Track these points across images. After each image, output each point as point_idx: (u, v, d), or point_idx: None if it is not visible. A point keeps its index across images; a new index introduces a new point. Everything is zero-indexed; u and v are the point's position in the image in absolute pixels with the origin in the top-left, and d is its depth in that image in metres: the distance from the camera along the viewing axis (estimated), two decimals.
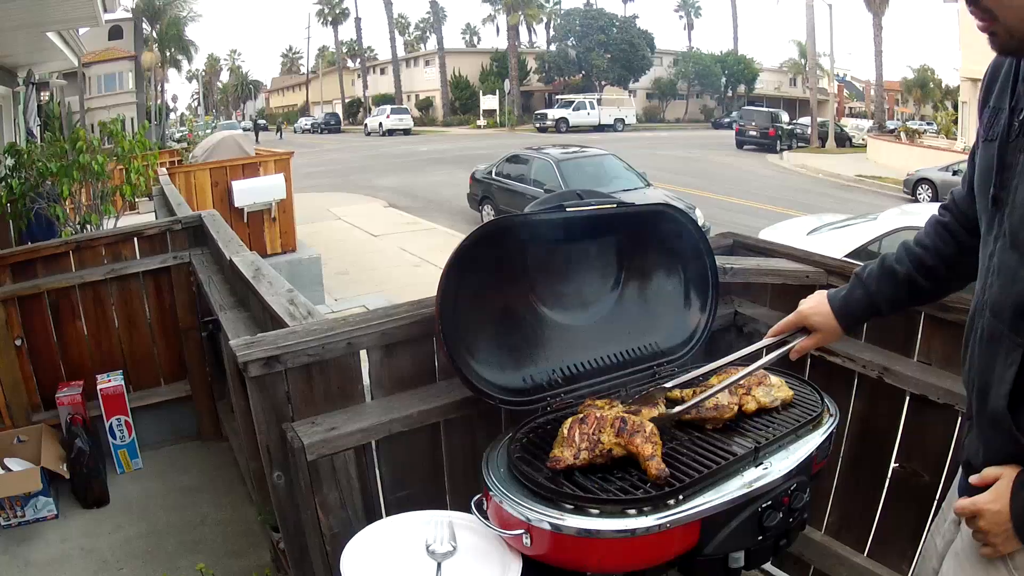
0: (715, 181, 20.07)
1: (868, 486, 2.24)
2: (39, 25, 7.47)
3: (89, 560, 3.21)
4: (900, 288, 1.61)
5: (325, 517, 1.85)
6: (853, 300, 1.66)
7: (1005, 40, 1.15)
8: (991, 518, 1.22)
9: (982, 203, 1.32)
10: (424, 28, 69.70)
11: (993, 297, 1.24)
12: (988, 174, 1.28)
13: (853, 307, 1.66)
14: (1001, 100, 1.29)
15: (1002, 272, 1.22)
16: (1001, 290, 1.22)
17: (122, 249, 4.06)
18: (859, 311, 1.67)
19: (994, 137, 1.27)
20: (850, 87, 65.97)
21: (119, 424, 3.91)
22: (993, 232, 1.26)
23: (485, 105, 51.24)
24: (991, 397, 1.24)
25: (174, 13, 47.73)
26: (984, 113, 1.35)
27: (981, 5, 1.14)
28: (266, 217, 8.95)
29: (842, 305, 1.67)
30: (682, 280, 2.16)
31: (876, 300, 1.63)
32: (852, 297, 1.66)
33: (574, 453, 1.55)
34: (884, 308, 1.64)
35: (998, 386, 1.22)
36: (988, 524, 1.23)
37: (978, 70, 9.30)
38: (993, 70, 1.36)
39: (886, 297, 1.62)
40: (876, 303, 1.64)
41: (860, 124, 39.29)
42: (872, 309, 1.65)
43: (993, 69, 1.36)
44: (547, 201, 1.92)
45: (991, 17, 1.14)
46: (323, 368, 1.86)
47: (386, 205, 16.16)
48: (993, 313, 1.24)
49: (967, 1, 1.16)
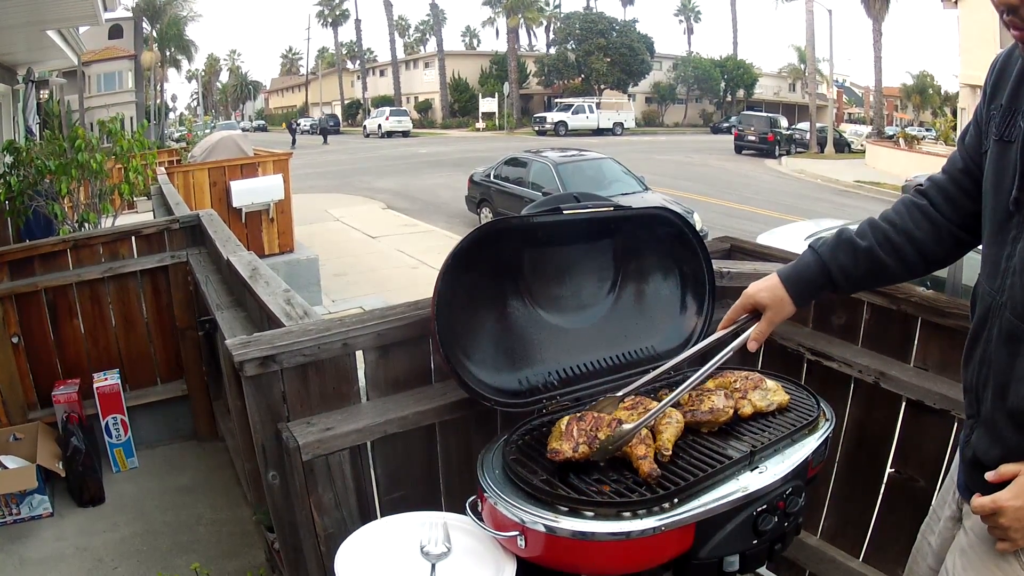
0: (713, 185, 20.10)
1: (864, 491, 2.24)
2: (39, 23, 7.46)
3: (84, 558, 3.20)
4: (859, 260, 1.53)
5: (320, 517, 1.85)
6: (802, 266, 1.58)
7: None
8: (1013, 514, 1.23)
9: (993, 202, 1.32)
10: (424, 30, 69.82)
11: (1014, 297, 1.24)
12: (1005, 176, 1.27)
13: (803, 273, 1.57)
14: (1018, 101, 1.28)
15: (1023, 272, 1.22)
16: (1023, 290, 1.23)
17: (120, 248, 4.06)
18: (810, 277, 1.57)
19: (1012, 139, 1.27)
20: (849, 93, 66.18)
21: (115, 423, 3.91)
22: (1011, 233, 1.26)
23: (484, 108, 51.28)
24: (1011, 395, 1.24)
25: (174, 12, 47.77)
26: (993, 110, 1.34)
27: (1020, 15, 1.14)
28: (264, 217, 8.94)
29: (790, 273, 1.59)
30: (679, 284, 2.16)
31: (829, 267, 1.55)
32: (801, 263, 1.59)
33: (572, 447, 1.55)
34: (838, 278, 1.55)
35: (1018, 384, 1.23)
36: (1010, 520, 1.24)
37: (977, 76, 9.43)
38: (1003, 67, 1.35)
39: (840, 266, 1.54)
40: (829, 271, 1.55)
41: (859, 130, 39.41)
42: (824, 279, 1.56)
43: (1003, 66, 1.36)
44: (544, 204, 1.92)
45: None
46: (319, 368, 1.86)
47: (384, 207, 16.16)
48: (1013, 312, 1.24)
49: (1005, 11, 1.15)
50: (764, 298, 1.60)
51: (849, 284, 1.57)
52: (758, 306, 1.62)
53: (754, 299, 1.62)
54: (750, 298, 1.63)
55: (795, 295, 1.58)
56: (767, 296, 1.60)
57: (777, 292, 1.59)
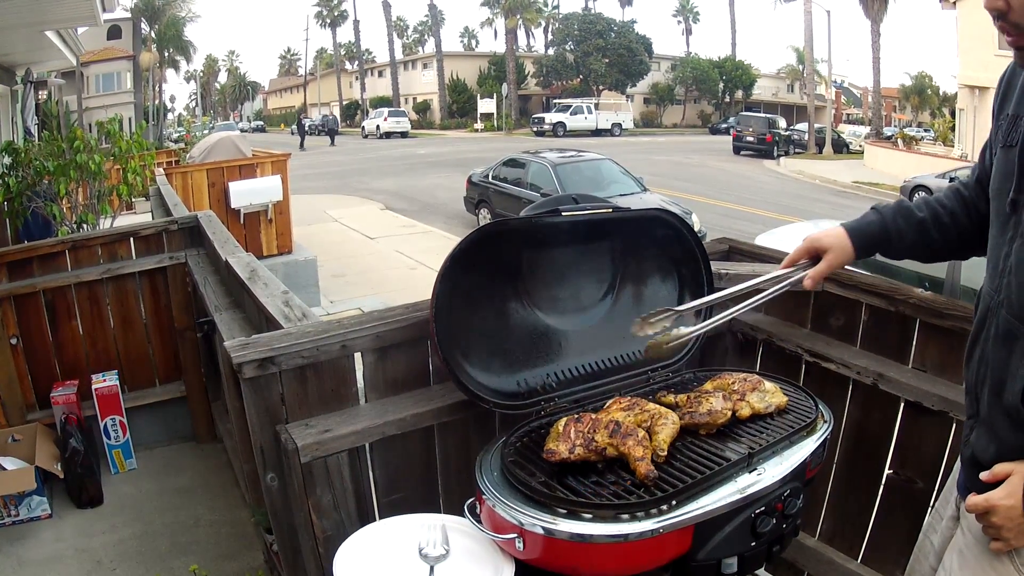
0: (712, 186, 20.10)
1: (862, 492, 2.24)
2: (38, 24, 7.46)
3: (83, 560, 3.20)
4: (913, 228, 1.62)
5: (318, 519, 1.85)
6: (866, 223, 1.67)
7: None
8: (1005, 513, 1.25)
9: (997, 206, 1.36)
10: (422, 31, 69.79)
11: (1010, 295, 1.28)
12: (1006, 179, 1.31)
13: (866, 229, 1.66)
14: (1020, 107, 1.33)
15: (1019, 270, 1.26)
16: (1019, 288, 1.26)
17: (118, 249, 4.05)
18: (872, 233, 1.66)
19: (1013, 143, 1.31)
20: (848, 93, 66.27)
21: (114, 424, 3.90)
22: (1008, 234, 1.30)
23: (483, 109, 51.23)
24: (1006, 393, 1.27)
25: (173, 13, 47.75)
26: (1001, 120, 1.38)
27: (1011, 20, 1.19)
28: (263, 218, 8.93)
29: (855, 225, 1.68)
30: (677, 285, 2.17)
31: (890, 230, 1.64)
32: (866, 220, 1.68)
33: (569, 447, 1.55)
34: (895, 240, 1.64)
35: (1013, 382, 1.26)
36: (1002, 519, 1.26)
37: (976, 77, 9.54)
38: (1010, 77, 1.40)
39: (899, 229, 1.63)
40: (889, 232, 1.64)
41: (857, 130, 39.36)
42: (883, 236, 1.65)
43: (1010, 76, 1.40)
44: (543, 205, 1.92)
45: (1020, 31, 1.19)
46: (317, 370, 1.86)
47: (383, 208, 16.15)
48: (1009, 311, 1.27)
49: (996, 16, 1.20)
50: (828, 242, 1.67)
51: (900, 248, 1.66)
52: (820, 249, 1.68)
53: (818, 242, 1.68)
54: (814, 241, 1.69)
55: (858, 245, 1.66)
56: (831, 240, 1.67)
57: (841, 238, 1.66)
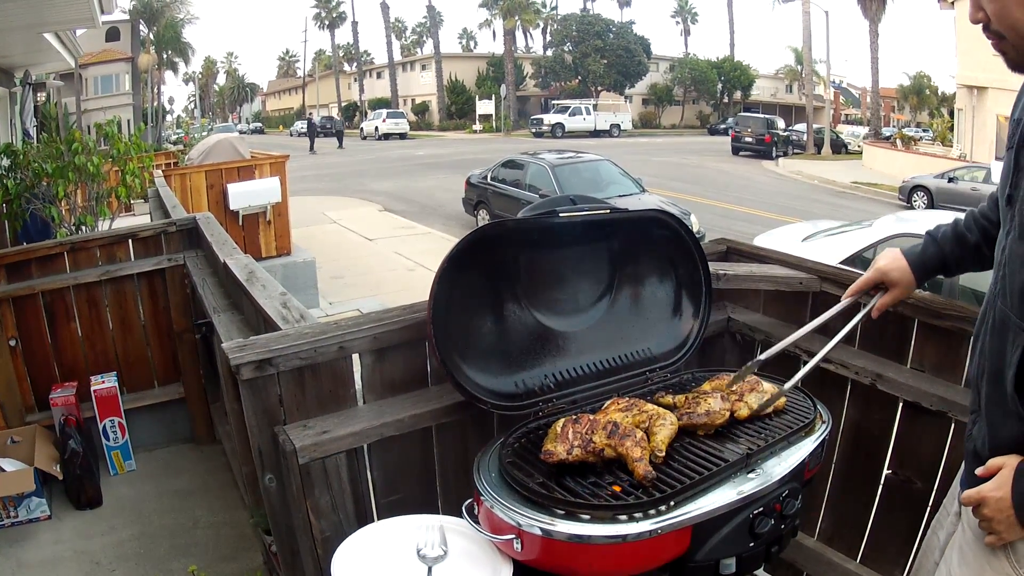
0: (710, 187, 20.11)
1: (861, 493, 2.24)
2: (36, 26, 7.47)
3: (81, 561, 3.20)
4: (967, 252, 1.69)
5: (316, 520, 1.84)
6: (928, 256, 1.73)
7: (1014, 59, 1.27)
8: (994, 505, 1.27)
9: (1001, 203, 1.41)
10: (421, 32, 69.78)
11: (1004, 285, 1.31)
12: (1004, 177, 1.37)
13: (928, 262, 1.73)
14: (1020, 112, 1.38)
15: (1011, 261, 1.29)
16: (1010, 277, 1.29)
17: (117, 251, 4.05)
18: (932, 266, 1.73)
19: (1012, 145, 1.36)
20: (846, 94, 66.34)
21: (113, 426, 3.90)
22: (1005, 228, 1.35)
23: (481, 110, 51.26)
24: (1001, 381, 1.29)
25: (171, 15, 47.76)
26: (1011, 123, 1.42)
27: (992, 29, 1.25)
28: (261, 220, 8.93)
29: (919, 260, 1.74)
30: (675, 286, 2.17)
31: (948, 259, 1.72)
32: (927, 253, 1.73)
33: (567, 448, 1.55)
34: (953, 268, 1.73)
35: (1007, 370, 1.28)
36: (992, 512, 1.28)
37: (974, 77, 9.56)
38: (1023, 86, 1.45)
39: (956, 257, 1.71)
40: (947, 261, 1.72)
41: (856, 131, 39.46)
42: (942, 266, 1.73)
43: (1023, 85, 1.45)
44: (541, 206, 1.92)
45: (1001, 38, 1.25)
46: (315, 371, 1.86)
47: (381, 209, 16.15)
48: (1003, 301, 1.31)
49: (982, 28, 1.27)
50: (896, 277, 1.74)
51: (958, 272, 1.75)
52: (888, 282, 1.76)
53: (887, 276, 1.75)
54: (883, 273, 1.76)
55: (919, 277, 1.75)
56: (899, 276, 1.74)
57: (908, 276, 1.74)
